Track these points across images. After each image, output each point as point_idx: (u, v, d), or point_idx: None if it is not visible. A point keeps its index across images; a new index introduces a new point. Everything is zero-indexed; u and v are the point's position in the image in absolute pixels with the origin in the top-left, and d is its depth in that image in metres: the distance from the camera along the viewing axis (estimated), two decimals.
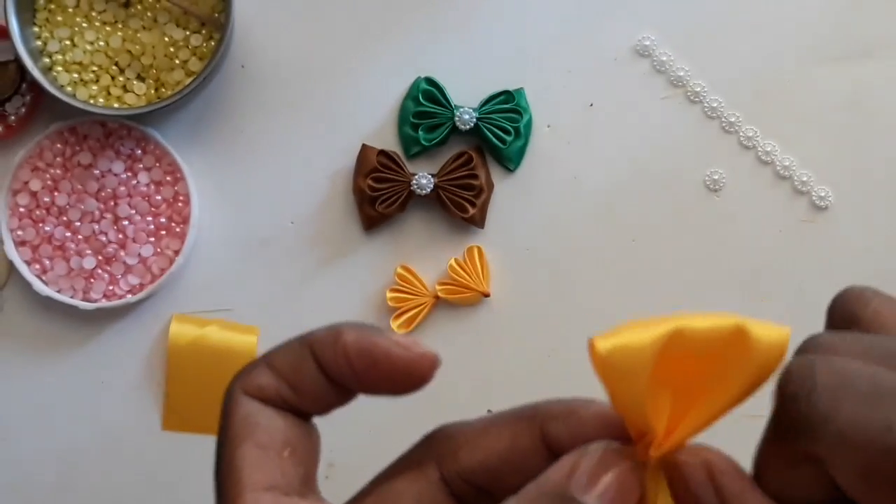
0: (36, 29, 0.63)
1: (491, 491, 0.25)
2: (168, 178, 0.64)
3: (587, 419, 0.25)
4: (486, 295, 0.65)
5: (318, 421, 0.34)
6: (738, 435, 0.32)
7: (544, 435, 0.25)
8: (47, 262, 0.63)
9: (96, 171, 0.64)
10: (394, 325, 0.64)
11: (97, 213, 0.64)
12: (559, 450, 0.24)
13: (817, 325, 0.72)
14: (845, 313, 0.24)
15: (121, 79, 0.64)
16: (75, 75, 0.64)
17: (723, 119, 0.66)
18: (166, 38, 0.64)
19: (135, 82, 0.64)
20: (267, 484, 0.23)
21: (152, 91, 0.64)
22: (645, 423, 0.23)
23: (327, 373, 0.25)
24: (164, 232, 0.64)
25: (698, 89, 0.66)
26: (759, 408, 0.29)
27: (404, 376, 0.25)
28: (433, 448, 0.25)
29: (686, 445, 0.24)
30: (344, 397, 0.26)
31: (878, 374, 0.21)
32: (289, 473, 0.24)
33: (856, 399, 0.21)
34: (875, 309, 0.24)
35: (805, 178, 0.66)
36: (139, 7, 0.64)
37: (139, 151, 0.64)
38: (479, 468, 0.25)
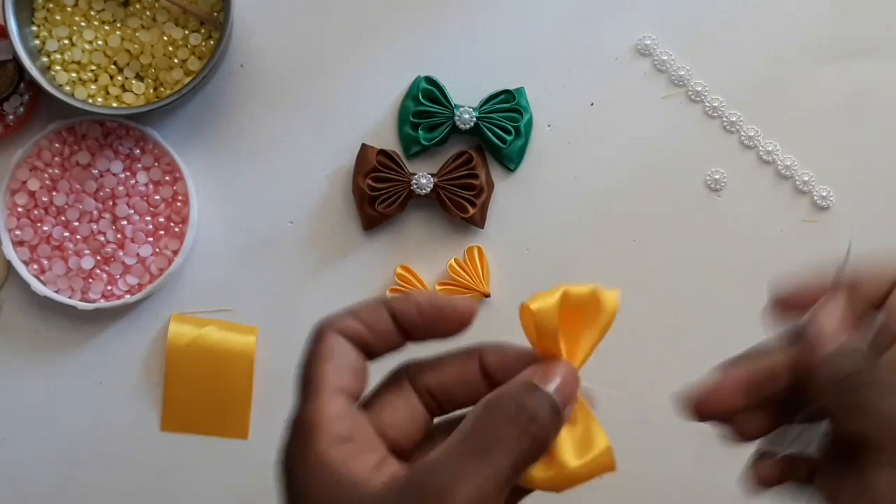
0: (34, 28, 0.63)
1: (446, 407, 0.37)
2: (167, 178, 0.64)
3: (510, 353, 0.36)
4: (486, 295, 0.65)
5: None
6: None
7: (482, 364, 0.36)
8: (46, 262, 0.63)
9: (95, 171, 0.64)
10: None
11: (96, 212, 0.64)
12: (491, 374, 0.36)
13: None
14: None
15: (119, 78, 0.64)
16: (74, 75, 0.63)
17: (724, 118, 0.66)
18: (165, 38, 0.64)
19: (133, 81, 0.64)
20: (340, 387, 0.34)
21: (151, 90, 0.64)
22: (557, 352, 0.36)
23: (399, 321, 0.36)
24: (162, 232, 0.64)
25: (699, 89, 0.66)
26: None
27: (458, 322, 0.36)
28: (405, 372, 0.36)
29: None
30: (401, 344, 0.37)
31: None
32: (353, 386, 0.35)
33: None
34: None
35: (806, 178, 0.65)
36: (138, 6, 0.64)
37: (138, 151, 0.64)
38: (439, 386, 0.36)
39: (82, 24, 0.64)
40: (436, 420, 0.37)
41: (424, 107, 0.64)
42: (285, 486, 0.35)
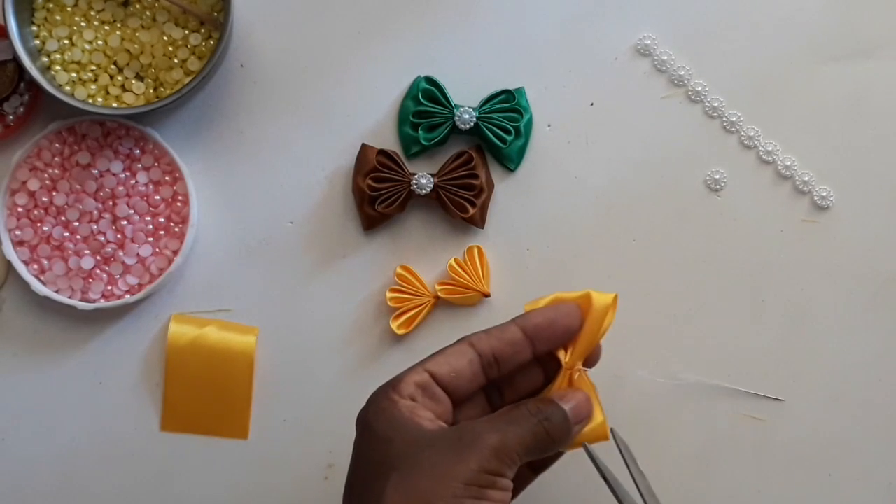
0: (34, 28, 0.63)
1: (502, 366, 0.48)
2: (167, 178, 0.64)
3: (546, 314, 0.49)
4: (487, 295, 0.64)
5: (317, 425, 0.65)
6: (743, 432, 0.64)
7: (522, 329, 0.48)
8: (45, 262, 0.63)
9: (95, 171, 0.64)
10: (393, 325, 0.64)
11: (96, 212, 0.64)
12: (531, 336, 0.48)
13: (818, 323, 0.71)
14: None
15: (119, 78, 0.64)
16: (74, 75, 0.63)
17: (724, 118, 0.66)
18: (165, 38, 0.64)
19: (133, 81, 0.64)
20: (433, 371, 0.47)
21: (151, 90, 0.64)
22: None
23: (529, 335, 0.49)
24: (162, 232, 0.64)
25: (699, 88, 0.66)
26: (760, 413, 0.65)
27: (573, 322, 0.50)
28: (466, 338, 0.48)
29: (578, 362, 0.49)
30: (528, 356, 0.49)
31: None
32: (442, 373, 0.47)
33: None
34: None
35: (806, 178, 0.65)
36: (138, 6, 0.64)
37: (138, 151, 0.64)
38: (491, 350, 0.48)
39: (82, 24, 0.64)
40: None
41: (424, 107, 0.64)
42: (365, 415, 0.46)
